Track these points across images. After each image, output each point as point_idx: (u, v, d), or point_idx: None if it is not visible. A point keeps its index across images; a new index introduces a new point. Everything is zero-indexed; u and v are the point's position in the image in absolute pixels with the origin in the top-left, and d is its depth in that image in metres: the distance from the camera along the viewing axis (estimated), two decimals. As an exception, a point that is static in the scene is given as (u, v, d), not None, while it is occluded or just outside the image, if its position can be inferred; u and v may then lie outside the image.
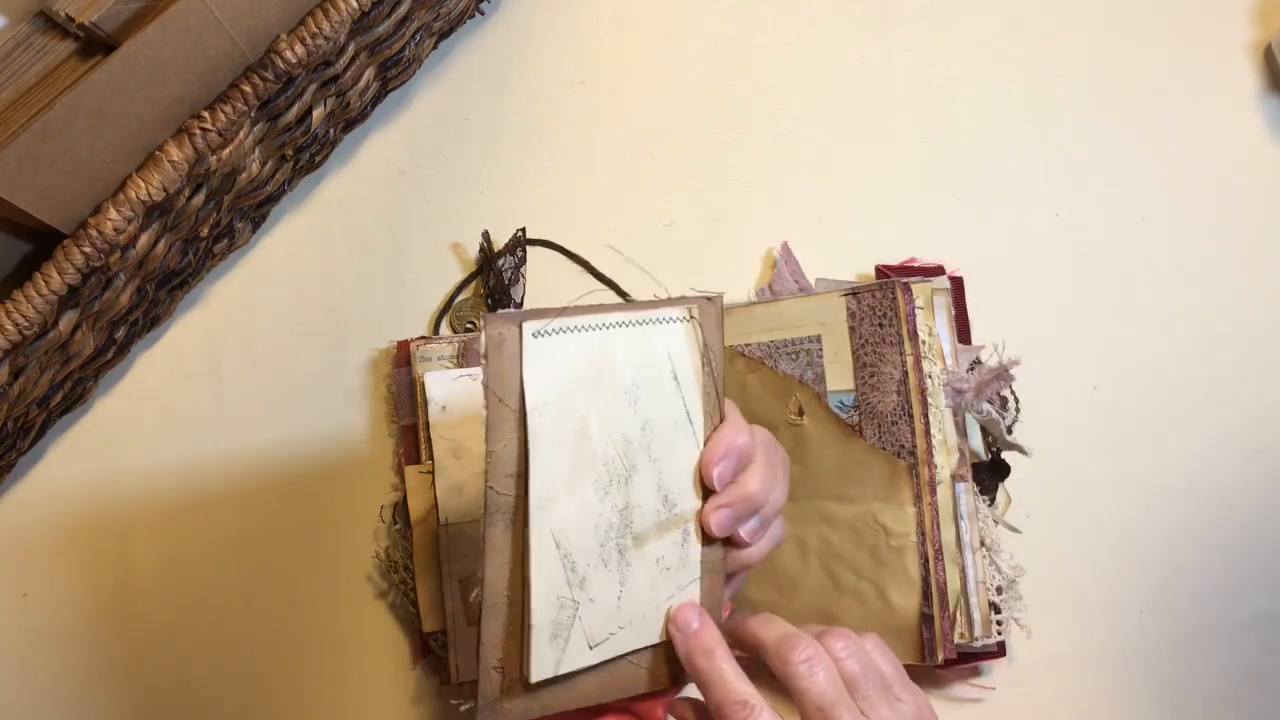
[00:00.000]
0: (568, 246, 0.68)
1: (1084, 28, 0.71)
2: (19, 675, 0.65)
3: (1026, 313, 0.67)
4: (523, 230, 0.68)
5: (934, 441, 0.60)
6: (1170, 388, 0.67)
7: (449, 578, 0.63)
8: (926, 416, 0.60)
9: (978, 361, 0.65)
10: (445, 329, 0.68)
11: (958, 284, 0.66)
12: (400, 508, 0.64)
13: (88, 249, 0.53)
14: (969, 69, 0.71)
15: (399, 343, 0.66)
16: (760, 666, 0.47)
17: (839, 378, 0.62)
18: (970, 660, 0.62)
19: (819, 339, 0.62)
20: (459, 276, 0.68)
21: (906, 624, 0.59)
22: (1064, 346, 0.67)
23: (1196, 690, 0.64)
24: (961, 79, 0.70)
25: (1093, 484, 0.66)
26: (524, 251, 0.68)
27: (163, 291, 0.65)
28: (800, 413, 0.62)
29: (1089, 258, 0.68)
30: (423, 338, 0.66)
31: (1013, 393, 0.65)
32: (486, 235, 0.68)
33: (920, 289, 0.62)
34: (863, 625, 0.59)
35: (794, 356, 0.63)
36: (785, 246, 0.68)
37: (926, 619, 0.58)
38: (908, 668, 0.58)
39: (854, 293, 0.63)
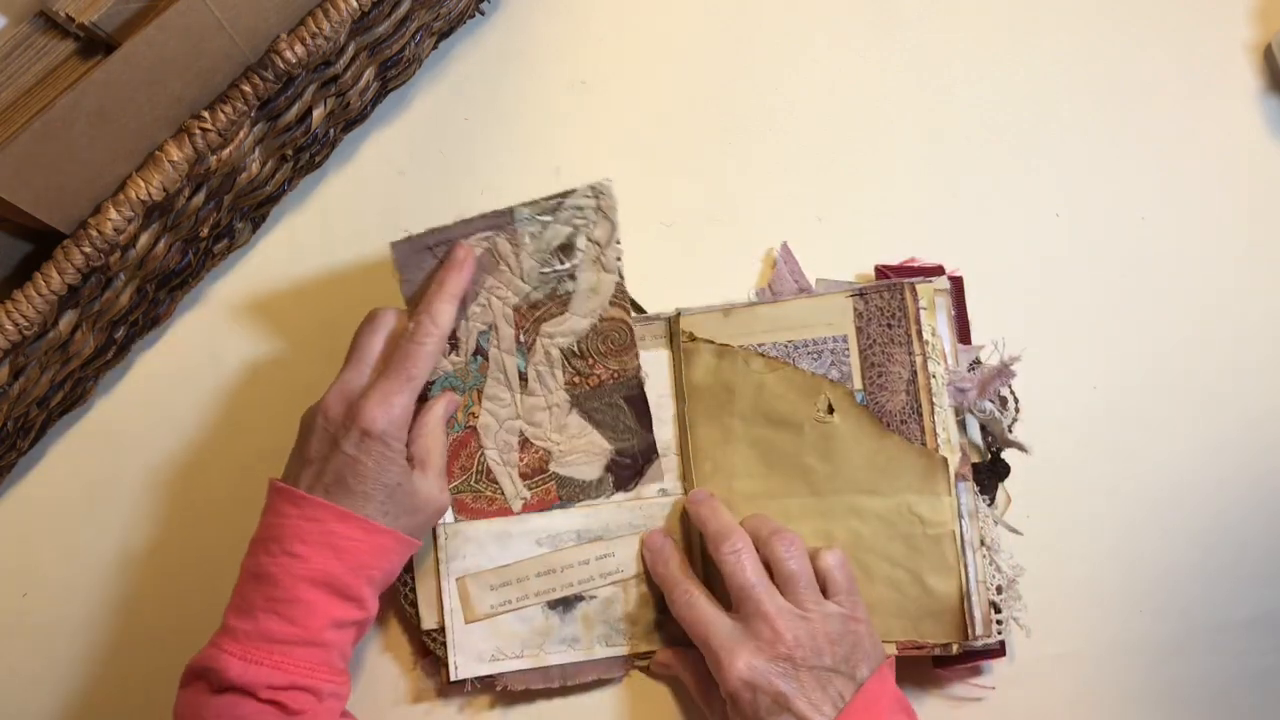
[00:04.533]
0: (568, 246, 0.68)
1: (1084, 28, 0.71)
2: (19, 675, 0.65)
3: (1026, 313, 0.67)
4: None
5: (939, 441, 0.61)
6: (1170, 387, 0.67)
7: (447, 576, 0.63)
8: (933, 416, 0.61)
9: (978, 361, 0.65)
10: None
11: (957, 284, 0.66)
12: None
13: (88, 249, 0.53)
14: (969, 69, 0.71)
15: None
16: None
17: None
18: (971, 659, 0.62)
19: (845, 339, 0.63)
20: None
21: (947, 607, 0.60)
22: (1063, 346, 0.67)
23: (1196, 690, 0.64)
24: (961, 79, 0.70)
25: (1093, 484, 0.66)
26: None
27: (163, 291, 0.65)
28: (830, 410, 0.62)
29: (1089, 258, 0.68)
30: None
31: (1012, 392, 0.65)
32: None
33: (922, 289, 0.62)
34: (900, 611, 0.61)
35: (816, 356, 0.63)
36: (785, 247, 0.68)
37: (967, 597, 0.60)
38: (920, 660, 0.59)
39: (861, 294, 0.63)
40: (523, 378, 0.63)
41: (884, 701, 0.55)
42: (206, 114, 0.55)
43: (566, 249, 0.62)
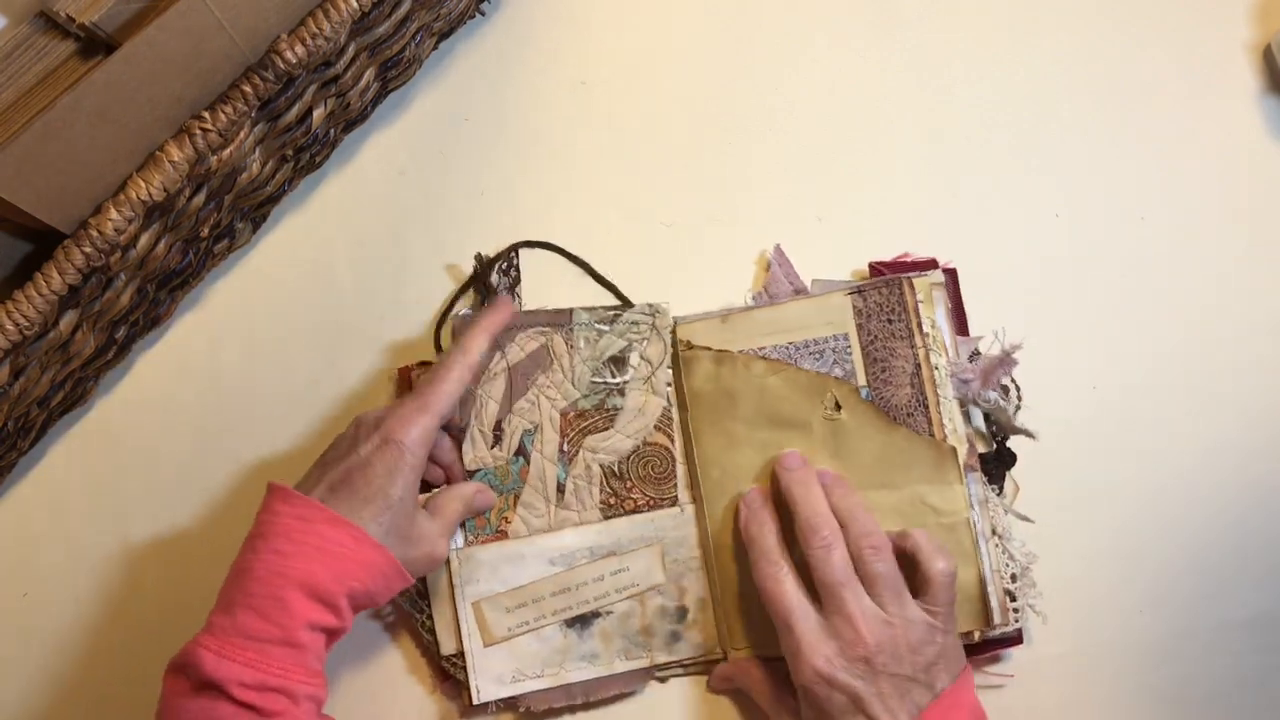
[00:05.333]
0: (566, 247, 0.68)
1: (1083, 28, 0.71)
2: (19, 675, 0.65)
3: (1026, 313, 0.67)
4: (515, 250, 0.67)
5: (946, 431, 0.61)
6: (1170, 387, 0.67)
7: (462, 601, 0.63)
8: (939, 407, 0.62)
9: (977, 352, 0.65)
10: (447, 338, 0.67)
11: (952, 276, 0.66)
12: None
13: (88, 249, 0.53)
14: (969, 69, 0.71)
15: (399, 370, 0.66)
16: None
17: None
18: (990, 648, 0.62)
19: (846, 337, 0.63)
20: (460, 277, 0.68)
21: (966, 595, 0.60)
22: (1063, 346, 0.67)
23: (1197, 690, 0.64)
24: (961, 79, 0.70)
25: (1092, 484, 0.66)
26: (518, 272, 0.67)
27: (163, 291, 0.65)
28: (838, 407, 0.62)
29: (1089, 258, 0.68)
30: (422, 364, 0.66)
31: (1013, 381, 0.65)
32: (479, 257, 0.67)
33: (919, 283, 0.63)
34: None
35: (818, 356, 0.63)
36: (778, 249, 0.68)
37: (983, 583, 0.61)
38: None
39: (859, 291, 0.63)
40: (560, 489, 0.64)
41: (960, 712, 0.55)
42: (207, 114, 0.55)
43: (619, 362, 0.65)
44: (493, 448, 0.64)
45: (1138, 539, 0.65)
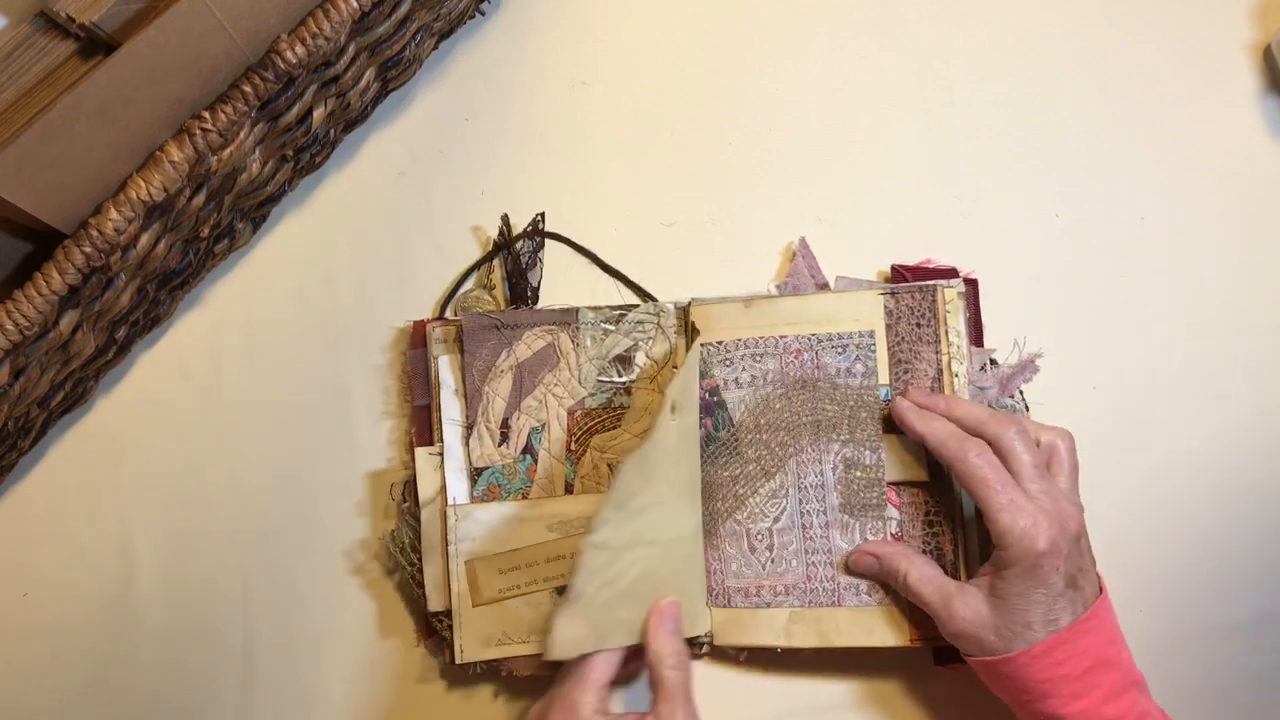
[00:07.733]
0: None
1: (1084, 28, 0.71)
2: (19, 675, 0.65)
3: (1026, 313, 0.67)
4: (541, 215, 0.68)
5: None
6: (1170, 388, 0.67)
7: (454, 558, 0.63)
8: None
9: (991, 363, 0.65)
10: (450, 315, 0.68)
11: (973, 287, 0.66)
12: (410, 486, 0.65)
13: (88, 249, 0.53)
14: (969, 70, 0.71)
15: (415, 322, 0.66)
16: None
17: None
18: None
19: (871, 334, 0.63)
20: (458, 276, 0.68)
21: None
22: (1063, 347, 0.67)
23: (1196, 690, 0.64)
24: (962, 80, 0.70)
25: (1091, 484, 0.65)
26: (543, 237, 0.68)
27: (163, 292, 0.65)
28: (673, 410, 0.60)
29: (1088, 258, 0.68)
30: (441, 318, 0.66)
31: (1021, 394, 0.65)
32: (505, 219, 0.68)
33: (946, 292, 0.63)
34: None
35: (840, 350, 0.64)
36: (803, 243, 0.68)
37: None
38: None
39: (892, 293, 0.64)
40: (569, 489, 0.64)
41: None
42: (207, 114, 0.55)
43: (625, 361, 0.65)
44: (500, 445, 0.64)
45: (1137, 538, 0.65)
